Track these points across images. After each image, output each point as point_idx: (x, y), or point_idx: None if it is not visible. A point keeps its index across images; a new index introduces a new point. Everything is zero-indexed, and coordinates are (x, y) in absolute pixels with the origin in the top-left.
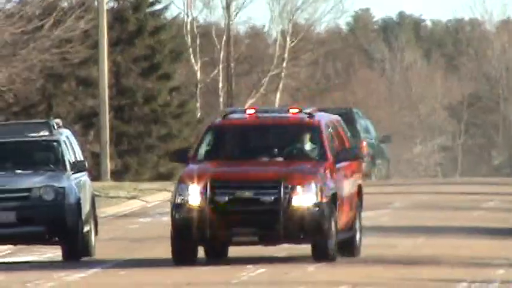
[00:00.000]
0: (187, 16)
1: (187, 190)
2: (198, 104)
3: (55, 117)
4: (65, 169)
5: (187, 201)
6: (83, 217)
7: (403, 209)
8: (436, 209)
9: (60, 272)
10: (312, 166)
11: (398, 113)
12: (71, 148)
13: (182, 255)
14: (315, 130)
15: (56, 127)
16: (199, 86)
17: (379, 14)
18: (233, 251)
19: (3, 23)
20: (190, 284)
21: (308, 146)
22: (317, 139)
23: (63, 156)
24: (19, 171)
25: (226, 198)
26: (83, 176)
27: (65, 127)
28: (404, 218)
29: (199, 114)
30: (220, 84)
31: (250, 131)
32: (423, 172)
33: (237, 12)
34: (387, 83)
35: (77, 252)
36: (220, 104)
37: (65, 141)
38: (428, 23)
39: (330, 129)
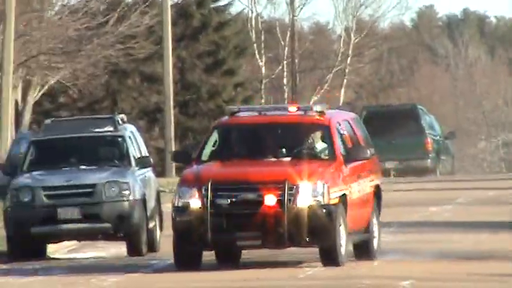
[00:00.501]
0: (252, 12)
1: (188, 192)
2: (262, 100)
3: (119, 113)
4: (130, 165)
5: (188, 204)
6: (148, 213)
7: (467, 205)
8: (499, 204)
9: (124, 267)
10: (318, 166)
11: (462, 109)
12: (136, 144)
13: (184, 260)
14: (325, 129)
15: (120, 122)
16: (263, 81)
17: (442, 10)
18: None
19: (68, 19)
20: (259, 279)
21: (318, 146)
22: (327, 138)
23: (127, 151)
24: (83, 166)
25: (228, 201)
26: (148, 172)
27: (130, 123)
28: (468, 213)
29: None
30: (285, 80)
31: (257, 130)
32: (487, 168)
33: (301, 8)
34: (451, 79)
35: (142, 248)
36: (285, 100)
37: (129, 137)
38: (493, 19)
39: (342, 128)
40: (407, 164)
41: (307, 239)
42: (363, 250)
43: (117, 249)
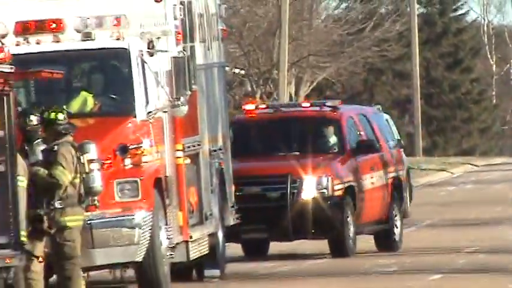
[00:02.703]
0: (484, 20)
1: None
2: (493, 93)
3: (376, 104)
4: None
5: None
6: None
7: None
8: None
9: None
10: (324, 159)
11: None
12: (390, 129)
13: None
14: (336, 123)
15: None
16: (494, 77)
17: None
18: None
19: (332, 26)
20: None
21: (332, 140)
22: (337, 132)
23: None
24: None
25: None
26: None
27: (385, 112)
28: None
29: (494, 101)
30: None
31: (269, 125)
32: None
33: None
34: None
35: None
36: None
37: (385, 123)
38: None
39: (356, 122)
40: None
41: (313, 231)
42: (383, 241)
43: None
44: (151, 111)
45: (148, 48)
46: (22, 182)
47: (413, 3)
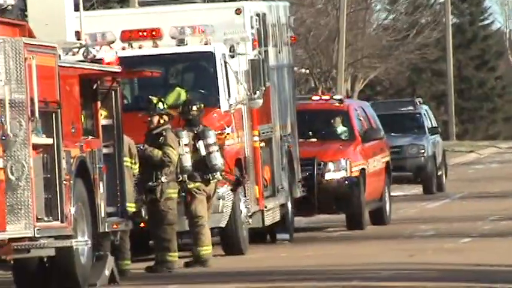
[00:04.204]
0: (506, 28)
1: None
2: None
3: (417, 97)
4: (425, 133)
5: None
6: (437, 165)
7: None
8: None
9: (421, 202)
10: (341, 145)
11: None
12: (429, 118)
13: None
14: (344, 114)
15: (418, 104)
16: None
17: None
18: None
19: (382, 34)
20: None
21: (339, 129)
22: (347, 122)
23: (423, 123)
24: (393, 134)
25: None
26: (437, 137)
27: (425, 104)
28: None
29: None
30: None
31: None
32: None
33: None
34: None
35: (433, 189)
36: None
37: (424, 114)
38: None
39: (359, 113)
40: None
41: (334, 207)
42: (378, 216)
43: (416, 190)
44: (232, 104)
45: (230, 51)
46: (127, 162)
47: (448, 15)
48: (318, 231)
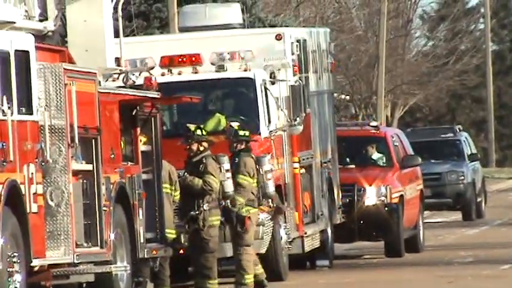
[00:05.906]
0: None
1: None
2: None
3: (457, 124)
4: (464, 159)
5: None
6: (476, 191)
7: None
8: None
9: (461, 229)
10: (380, 171)
11: None
12: (468, 145)
13: None
14: (382, 141)
15: (458, 131)
16: None
17: None
18: None
19: (421, 60)
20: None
21: (375, 155)
22: (384, 148)
23: (463, 150)
24: (433, 160)
25: None
26: (476, 164)
27: (464, 131)
28: None
29: None
30: None
31: None
32: None
33: None
34: None
35: (472, 215)
36: None
37: (464, 141)
38: None
39: (395, 140)
40: None
41: (374, 233)
42: (412, 244)
43: (456, 217)
44: (272, 130)
45: (270, 77)
46: (166, 188)
47: (488, 41)
48: (357, 258)
